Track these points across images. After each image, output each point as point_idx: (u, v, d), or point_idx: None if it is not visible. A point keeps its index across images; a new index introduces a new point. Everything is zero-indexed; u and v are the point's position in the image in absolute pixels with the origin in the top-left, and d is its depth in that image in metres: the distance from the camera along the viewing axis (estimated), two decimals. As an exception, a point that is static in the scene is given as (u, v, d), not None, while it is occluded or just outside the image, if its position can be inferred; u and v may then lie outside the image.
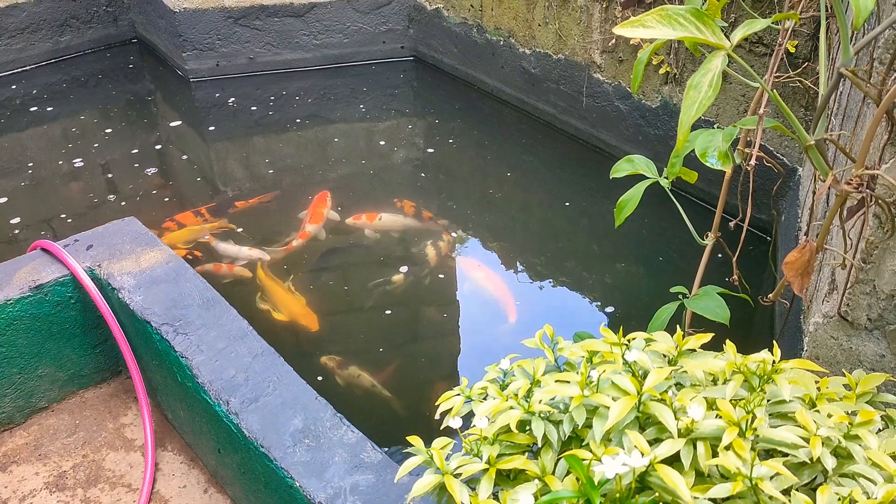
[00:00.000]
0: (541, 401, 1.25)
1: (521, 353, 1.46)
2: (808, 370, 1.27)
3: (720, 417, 1.15)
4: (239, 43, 5.41)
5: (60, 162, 4.57)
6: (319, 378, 3.06)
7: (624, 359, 1.27)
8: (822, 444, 1.12)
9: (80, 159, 4.60)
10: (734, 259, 1.97)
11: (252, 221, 3.98)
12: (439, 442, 1.31)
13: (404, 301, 3.46)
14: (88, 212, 4.10)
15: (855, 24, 1.19)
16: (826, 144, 1.78)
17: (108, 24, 6.00)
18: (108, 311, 2.26)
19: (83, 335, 2.39)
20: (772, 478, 1.08)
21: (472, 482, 1.24)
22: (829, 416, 1.19)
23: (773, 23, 1.44)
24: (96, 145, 4.75)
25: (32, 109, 5.21)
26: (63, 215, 4.09)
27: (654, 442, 1.16)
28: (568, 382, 1.26)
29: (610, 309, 3.42)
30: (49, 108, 5.22)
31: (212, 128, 5.03)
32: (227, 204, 4.14)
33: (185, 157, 4.65)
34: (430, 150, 4.63)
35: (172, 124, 5.07)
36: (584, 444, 1.20)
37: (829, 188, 1.37)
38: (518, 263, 3.68)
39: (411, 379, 3.10)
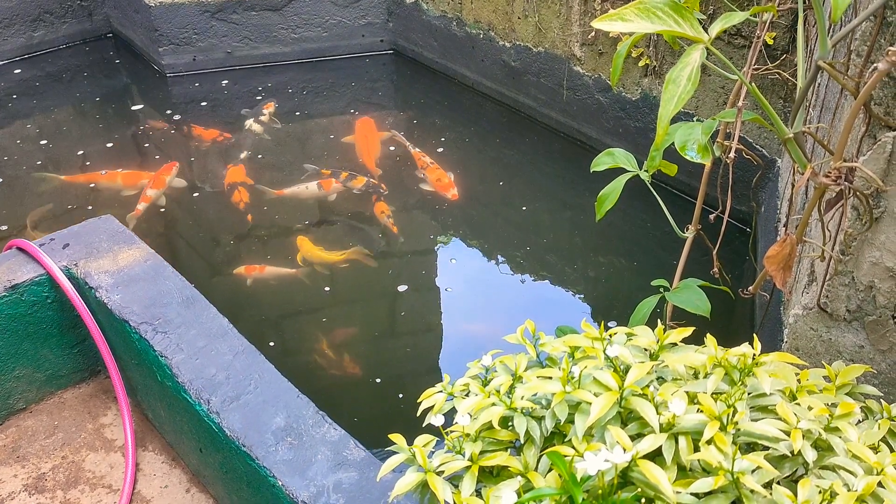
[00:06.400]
0: (523, 397, 1.25)
1: (502, 349, 1.46)
2: (788, 363, 1.27)
3: (701, 412, 1.15)
4: (216, 37, 5.35)
5: (35, 159, 4.50)
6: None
7: (605, 354, 1.27)
8: (803, 436, 1.12)
9: (55, 155, 4.54)
10: (714, 251, 1.97)
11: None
12: (421, 439, 1.31)
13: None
14: (64, 209, 4.05)
15: (833, 17, 1.19)
16: (804, 137, 1.79)
17: (83, 18, 5.92)
18: (85, 310, 2.23)
19: (60, 335, 2.36)
20: (753, 471, 1.08)
21: (454, 479, 1.24)
22: (810, 408, 1.20)
23: (751, 15, 1.44)
24: (72, 141, 4.69)
25: (6, 106, 5.12)
26: (38, 213, 4.03)
27: (636, 437, 1.16)
28: (550, 378, 1.26)
29: (591, 302, 3.42)
30: (23, 105, 5.14)
31: (190, 123, 4.98)
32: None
33: (162, 152, 4.60)
34: (410, 144, 4.60)
35: (149, 120, 5.01)
36: (566, 439, 1.20)
37: (807, 181, 1.37)
38: (499, 257, 3.68)
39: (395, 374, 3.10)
